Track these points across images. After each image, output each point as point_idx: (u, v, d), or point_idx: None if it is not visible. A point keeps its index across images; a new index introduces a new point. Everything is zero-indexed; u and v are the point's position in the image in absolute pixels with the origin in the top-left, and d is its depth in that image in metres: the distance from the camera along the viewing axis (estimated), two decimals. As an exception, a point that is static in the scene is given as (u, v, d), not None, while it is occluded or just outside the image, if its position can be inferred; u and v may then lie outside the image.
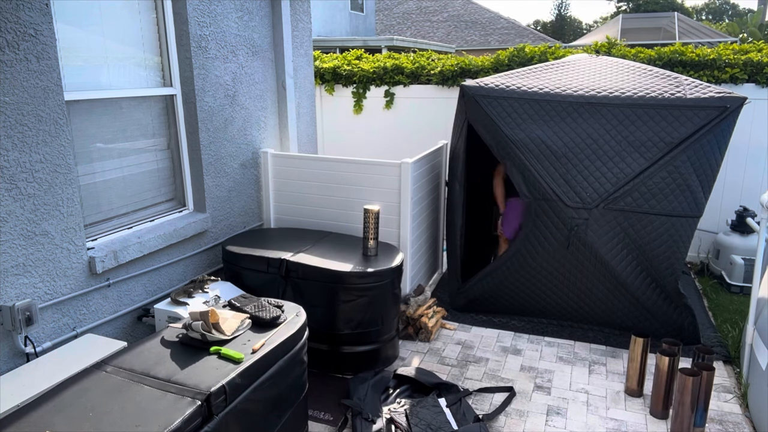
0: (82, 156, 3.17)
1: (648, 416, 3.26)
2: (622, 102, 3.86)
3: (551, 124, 3.96)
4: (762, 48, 5.52)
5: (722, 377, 3.64)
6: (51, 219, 2.86)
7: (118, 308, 3.32)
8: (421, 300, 4.30)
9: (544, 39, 20.70)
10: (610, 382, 3.60)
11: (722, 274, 5.14)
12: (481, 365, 3.81)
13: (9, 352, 2.71)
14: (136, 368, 2.24)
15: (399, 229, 4.22)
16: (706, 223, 5.58)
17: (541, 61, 5.95)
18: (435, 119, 6.44)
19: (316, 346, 3.57)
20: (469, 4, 23.12)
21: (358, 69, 6.58)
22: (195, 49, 3.74)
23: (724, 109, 3.66)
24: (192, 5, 3.67)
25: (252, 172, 4.47)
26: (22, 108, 2.67)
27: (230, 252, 3.75)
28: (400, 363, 3.81)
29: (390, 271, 3.54)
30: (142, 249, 3.36)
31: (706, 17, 41.50)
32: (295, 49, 4.86)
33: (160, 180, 3.77)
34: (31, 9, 2.66)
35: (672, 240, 3.78)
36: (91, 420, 1.92)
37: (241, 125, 4.28)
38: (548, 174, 3.92)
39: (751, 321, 3.48)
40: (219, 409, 2.11)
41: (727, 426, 3.16)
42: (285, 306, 2.83)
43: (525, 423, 3.19)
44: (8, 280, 2.67)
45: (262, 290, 3.63)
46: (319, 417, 3.21)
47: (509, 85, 4.17)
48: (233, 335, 2.51)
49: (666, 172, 3.73)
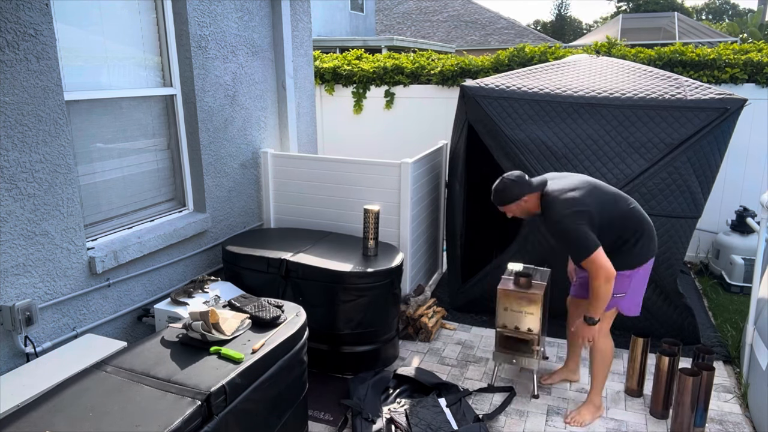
0: (82, 156, 3.17)
1: (648, 416, 3.26)
2: (622, 103, 3.86)
3: (551, 125, 3.96)
4: (762, 48, 5.53)
5: (722, 377, 3.64)
6: (51, 219, 2.86)
7: (118, 308, 3.32)
8: (421, 300, 4.29)
9: (544, 39, 20.71)
10: (610, 382, 3.60)
11: (722, 274, 5.14)
12: (481, 365, 3.81)
13: (9, 352, 2.71)
14: (136, 368, 2.24)
15: (399, 229, 4.22)
16: (706, 223, 5.57)
17: (541, 61, 5.95)
18: (435, 119, 6.43)
19: (316, 346, 3.57)
20: (469, 4, 23.12)
21: (358, 69, 6.58)
22: (195, 49, 3.74)
23: (724, 111, 3.66)
24: (192, 5, 3.67)
25: (252, 172, 4.47)
26: (22, 108, 2.67)
27: (230, 252, 3.75)
28: (400, 363, 3.81)
29: (390, 271, 3.54)
30: (142, 249, 3.36)
31: (706, 17, 41.51)
32: (295, 49, 4.86)
33: (160, 180, 3.77)
34: (31, 9, 2.66)
35: (672, 240, 3.78)
36: (91, 420, 1.92)
37: (241, 125, 4.28)
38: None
39: (751, 321, 3.48)
40: (219, 409, 2.11)
41: (727, 426, 3.16)
42: (285, 306, 2.83)
43: (525, 423, 3.19)
44: (8, 280, 2.67)
45: (262, 290, 3.63)
46: (319, 417, 3.21)
47: (509, 85, 4.17)
48: (233, 335, 2.51)
49: (666, 173, 3.73)
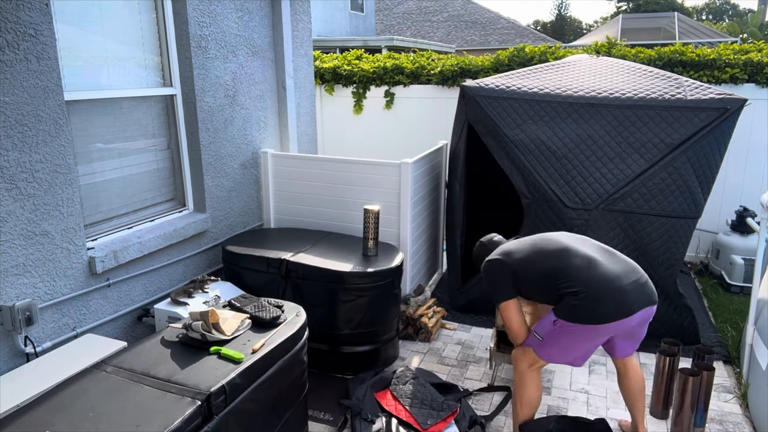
0: (82, 156, 3.17)
1: (648, 416, 3.26)
2: (622, 103, 3.86)
3: (551, 125, 3.96)
4: (762, 48, 5.53)
5: (722, 377, 3.64)
6: (51, 219, 2.86)
7: (118, 308, 3.32)
8: (421, 300, 4.29)
9: (544, 39, 20.70)
10: (610, 382, 3.60)
11: (722, 274, 5.14)
12: (481, 365, 3.81)
13: (9, 352, 2.71)
14: (136, 368, 2.24)
15: (399, 229, 4.22)
16: (706, 223, 5.57)
17: (541, 61, 5.94)
18: (435, 119, 6.43)
19: (316, 346, 3.57)
20: (469, 4, 23.12)
21: (358, 69, 6.58)
22: (195, 49, 3.74)
23: (724, 111, 3.66)
24: (192, 5, 3.67)
25: (252, 172, 4.47)
26: (22, 108, 2.67)
27: (230, 252, 3.75)
28: (400, 363, 3.81)
29: (390, 271, 3.54)
30: (142, 249, 3.36)
31: (706, 17, 41.50)
32: (295, 49, 4.86)
33: (160, 180, 3.77)
34: (31, 9, 2.66)
35: (672, 241, 3.78)
36: (91, 420, 1.92)
37: (241, 125, 4.28)
38: (548, 175, 3.92)
39: (751, 321, 3.48)
40: (219, 409, 2.11)
41: (727, 426, 3.16)
42: (285, 306, 2.83)
43: (525, 423, 3.20)
44: (8, 280, 2.67)
45: (262, 290, 3.64)
46: (319, 417, 3.21)
47: (510, 85, 4.17)
48: (233, 335, 2.51)
49: (666, 174, 3.73)
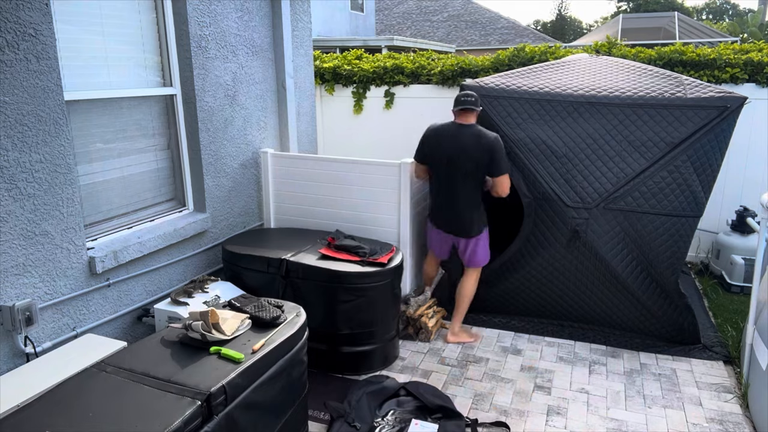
0: (82, 156, 3.17)
1: (648, 416, 3.25)
2: (622, 102, 3.86)
3: (551, 124, 3.96)
4: (762, 48, 5.52)
5: (722, 377, 3.64)
6: (51, 219, 2.86)
7: (118, 308, 3.32)
8: (421, 300, 4.29)
9: (544, 39, 20.70)
10: (611, 382, 3.60)
11: (722, 274, 5.14)
12: (481, 365, 3.81)
13: (9, 352, 2.71)
14: (136, 368, 2.24)
15: (399, 229, 4.22)
16: (706, 223, 5.57)
17: (541, 60, 5.94)
18: (435, 119, 6.39)
19: (315, 346, 3.56)
20: (469, 4, 23.12)
21: (358, 69, 6.58)
22: (195, 49, 3.74)
23: (724, 109, 3.66)
24: (192, 5, 3.67)
25: (252, 172, 4.47)
26: (22, 108, 2.67)
27: (230, 252, 3.75)
28: (400, 363, 3.81)
29: (390, 271, 3.54)
30: (142, 249, 3.36)
31: (706, 17, 41.49)
32: (295, 49, 4.86)
33: (160, 180, 3.77)
34: (31, 9, 2.66)
35: (672, 240, 3.78)
36: (91, 420, 1.92)
37: (241, 125, 4.28)
38: (548, 173, 3.92)
39: (751, 321, 3.48)
40: (219, 409, 2.11)
41: (727, 426, 3.16)
42: (285, 306, 2.83)
43: (525, 423, 3.19)
44: (8, 280, 2.67)
45: (262, 290, 3.63)
46: (319, 417, 3.21)
47: (509, 84, 4.17)
48: (233, 335, 2.51)
49: (666, 172, 3.73)
